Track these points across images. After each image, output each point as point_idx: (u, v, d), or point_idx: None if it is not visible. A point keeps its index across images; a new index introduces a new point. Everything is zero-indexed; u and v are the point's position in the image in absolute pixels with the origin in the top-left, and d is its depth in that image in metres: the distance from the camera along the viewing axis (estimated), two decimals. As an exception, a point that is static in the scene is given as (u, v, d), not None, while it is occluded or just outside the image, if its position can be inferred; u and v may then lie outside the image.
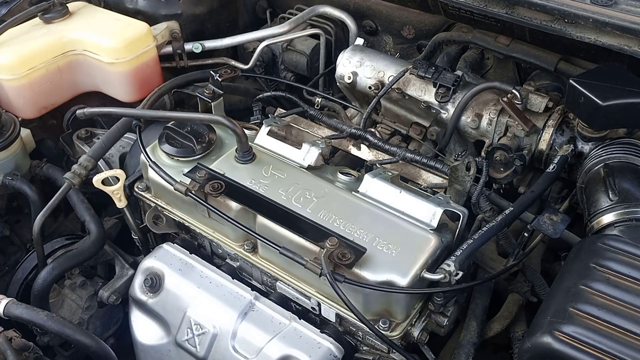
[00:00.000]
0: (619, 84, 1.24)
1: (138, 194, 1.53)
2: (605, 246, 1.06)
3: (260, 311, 1.31)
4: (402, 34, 1.86)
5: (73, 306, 1.63)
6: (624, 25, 1.24)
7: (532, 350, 0.97)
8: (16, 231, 1.87)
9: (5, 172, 1.73)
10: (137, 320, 1.43)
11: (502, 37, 1.59)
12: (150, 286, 1.39)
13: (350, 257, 1.18)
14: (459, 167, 1.35)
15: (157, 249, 1.44)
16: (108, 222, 1.77)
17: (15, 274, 1.67)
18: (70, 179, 1.49)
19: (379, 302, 1.23)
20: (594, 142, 1.36)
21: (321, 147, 1.44)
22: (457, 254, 1.19)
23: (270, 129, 1.50)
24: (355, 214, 1.30)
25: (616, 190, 1.19)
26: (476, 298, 1.36)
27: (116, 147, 1.72)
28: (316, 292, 1.30)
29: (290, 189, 1.35)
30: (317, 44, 1.87)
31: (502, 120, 1.43)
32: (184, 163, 1.43)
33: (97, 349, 1.36)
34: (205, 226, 1.44)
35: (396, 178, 1.39)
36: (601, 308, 0.96)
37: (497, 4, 1.41)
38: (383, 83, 1.56)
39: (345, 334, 1.32)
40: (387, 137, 1.58)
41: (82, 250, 1.55)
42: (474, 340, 1.30)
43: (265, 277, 1.40)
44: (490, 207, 1.38)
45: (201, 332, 1.32)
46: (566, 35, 1.33)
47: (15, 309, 1.32)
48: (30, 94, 1.76)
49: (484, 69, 1.74)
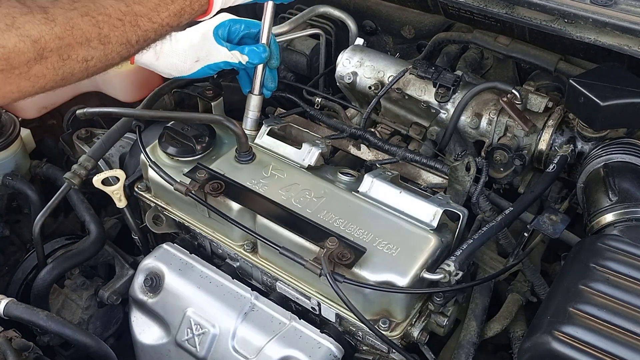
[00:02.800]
0: (619, 84, 1.24)
1: (138, 194, 1.53)
2: (605, 246, 1.06)
3: (260, 311, 1.31)
4: (402, 34, 1.86)
5: (73, 306, 1.63)
6: (624, 25, 1.24)
7: (531, 350, 0.97)
8: (16, 231, 1.87)
9: (5, 172, 1.73)
10: (137, 320, 1.43)
11: (502, 37, 1.59)
12: (150, 286, 1.39)
13: (350, 257, 1.18)
14: (458, 167, 1.35)
15: (157, 249, 1.45)
16: (108, 222, 1.76)
17: (15, 274, 1.67)
18: (70, 179, 1.49)
19: (379, 302, 1.23)
20: (594, 142, 1.36)
21: (321, 147, 1.44)
22: (457, 254, 1.19)
23: (270, 129, 1.50)
24: (355, 214, 1.30)
25: (616, 190, 1.19)
26: (476, 298, 1.36)
27: (116, 147, 1.72)
28: (316, 292, 1.30)
29: (290, 189, 1.35)
30: (317, 44, 1.87)
31: (502, 120, 1.43)
32: (184, 163, 1.43)
33: (97, 349, 1.36)
34: (205, 226, 1.44)
35: (396, 178, 1.39)
36: (601, 308, 0.96)
37: (497, 4, 1.41)
38: (383, 83, 1.56)
39: (345, 334, 1.32)
40: (387, 137, 1.58)
41: (82, 250, 1.55)
42: (474, 340, 1.30)
43: (265, 277, 1.40)
44: (490, 207, 1.38)
45: (201, 332, 1.32)
46: (566, 35, 1.33)
47: (15, 309, 1.32)
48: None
49: (484, 69, 1.74)
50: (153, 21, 1.00)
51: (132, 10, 0.96)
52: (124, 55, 0.99)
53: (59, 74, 0.91)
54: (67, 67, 0.91)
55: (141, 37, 0.99)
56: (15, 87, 0.88)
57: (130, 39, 0.97)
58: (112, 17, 0.94)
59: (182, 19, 1.05)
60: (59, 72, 0.91)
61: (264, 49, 1.42)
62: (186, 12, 1.05)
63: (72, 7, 0.90)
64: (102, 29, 0.93)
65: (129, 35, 0.97)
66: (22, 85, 0.88)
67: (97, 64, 0.95)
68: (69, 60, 0.91)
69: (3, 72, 0.84)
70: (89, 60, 0.93)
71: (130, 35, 0.97)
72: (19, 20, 0.84)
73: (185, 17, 1.06)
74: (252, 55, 1.40)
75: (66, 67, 0.91)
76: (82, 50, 0.91)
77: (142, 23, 0.98)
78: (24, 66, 0.86)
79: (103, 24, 0.93)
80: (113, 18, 0.94)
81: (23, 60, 0.85)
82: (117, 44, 0.96)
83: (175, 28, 1.05)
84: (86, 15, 0.91)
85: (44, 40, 0.86)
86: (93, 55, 0.93)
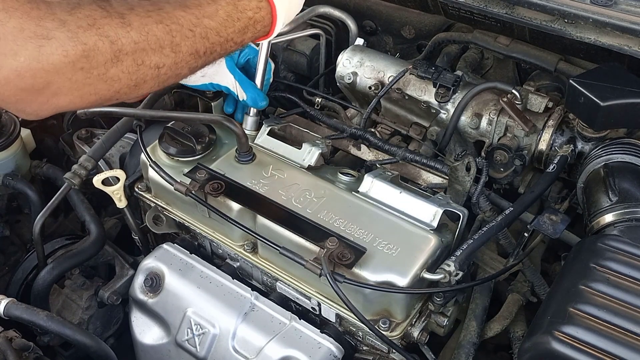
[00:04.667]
0: (619, 84, 1.23)
1: (138, 194, 1.53)
2: (605, 246, 1.06)
3: (261, 311, 1.31)
4: (402, 34, 1.86)
5: (73, 306, 1.63)
6: (624, 26, 1.24)
7: (531, 350, 0.97)
8: (16, 231, 1.87)
9: (6, 172, 1.73)
10: (137, 321, 1.43)
11: (502, 37, 1.59)
12: (150, 286, 1.39)
13: (350, 257, 1.18)
14: (458, 168, 1.35)
15: (157, 249, 1.45)
16: (108, 222, 1.77)
17: (15, 274, 1.66)
18: (70, 179, 1.49)
19: (379, 302, 1.23)
20: (594, 142, 1.36)
21: (321, 147, 1.44)
22: (457, 254, 1.19)
23: (270, 129, 1.50)
24: (356, 214, 1.30)
25: (616, 190, 1.19)
26: (476, 298, 1.36)
27: (116, 147, 1.72)
28: (316, 292, 1.30)
29: (290, 189, 1.35)
30: (317, 44, 1.87)
31: (502, 120, 1.43)
32: (184, 163, 1.43)
33: (97, 349, 1.36)
34: (205, 226, 1.44)
35: (396, 178, 1.39)
36: (601, 308, 0.96)
37: (497, 4, 1.41)
38: (383, 83, 1.56)
39: (345, 334, 1.32)
40: (387, 137, 1.58)
41: (82, 250, 1.55)
42: (474, 340, 1.30)
43: (265, 277, 1.40)
44: (490, 207, 1.38)
45: (201, 332, 1.32)
46: (566, 35, 1.33)
47: (15, 309, 1.33)
48: (30, 94, 1.76)
49: (484, 69, 1.74)
50: (220, 35, 1.05)
51: (202, 22, 1.02)
52: (192, 66, 1.03)
53: (133, 79, 0.95)
54: (140, 72, 0.95)
55: (208, 49, 1.04)
56: (93, 88, 0.92)
57: (199, 49, 1.02)
58: (184, 27, 0.99)
59: (246, 37, 1.11)
60: (132, 77, 0.94)
61: (263, 97, 1.47)
62: (249, 30, 1.11)
63: (147, 15, 0.95)
64: (174, 37, 0.97)
65: (198, 46, 1.01)
66: (100, 88, 0.92)
67: (168, 72, 0.99)
68: (142, 66, 0.95)
69: (83, 70, 0.88)
70: (160, 68, 0.97)
71: (199, 46, 1.02)
72: (99, 22, 0.88)
73: (249, 35, 1.12)
74: (251, 100, 1.46)
75: (140, 72, 0.95)
76: (155, 56, 0.96)
77: (211, 36, 1.03)
78: (102, 67, 0.90)
79: (176, 33, 0.98)
80: (185, 28, 0.99)
81: (101, 60, 0.89)
82: (187, 54, 1.00)
83: (238, 45, 1.10)
84: (160, 23, 0.96)
85: (121, 42, 0.90)
86: (165, 62, 0.97)
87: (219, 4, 1.06)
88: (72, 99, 0.91)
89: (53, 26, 0.84)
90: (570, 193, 1.43)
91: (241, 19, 1.08)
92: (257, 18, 1.11)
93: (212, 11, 1.04)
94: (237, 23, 1.08)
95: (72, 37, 0.85)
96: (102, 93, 0.94)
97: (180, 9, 1.00)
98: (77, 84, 0.89)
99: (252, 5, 1.11)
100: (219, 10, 1.05)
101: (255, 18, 1.11)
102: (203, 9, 1.03)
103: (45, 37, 0.84)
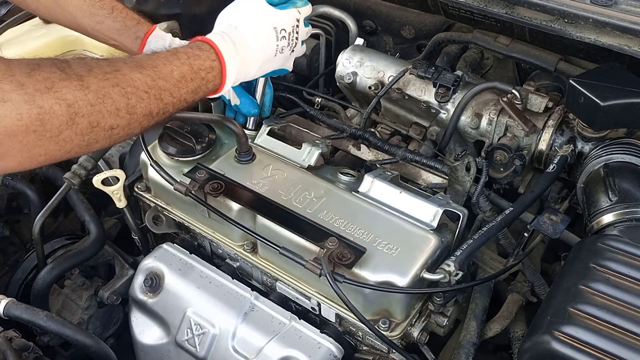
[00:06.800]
0: (619, 84, 1.23)
1: (138, 194, 1.53)
2: (605, 246, 1.06)
3: (260, 311, 1.31)
4: (402, 34, 1.86)
5: (73, 306, 1.63)
6: (624, 25, 1.24)
7: (531, 350, 0.97)
8: (16, 231, 1.87)
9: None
10: (137, 321, 1.43)
11: (502, 37, 1.59)
12: (150, 286, 1.39)
13: (350, 257, 1.18)
14: (458, 167, 1.35)
15: (157, 249, 1.44)
16: (108, 222, 1.77)
17: (15, 274, 1.66)
18: (70, 179, 1.49)
19: (379, 302, 1.23)
20: (594, 142, 1.36)
21: (321, 147, 1.44)
22: (457, 254, 1.19)
23: (270, 129, 1.50)
24: (355, 214, 1.30)
25: (616, 190, 1.19)
26: (476, 298, 1.36)
27: (116, 147, 1.72)
28: (316, 292, 1.30)
29: (290, 189, 1.35)
30: (317, 44, 1.87)
31: (502, 120, 1.43)
32: (184, 163, 1.43)
33: (97, 349, 1.36)
34: (205, 226, 1.44)
35: (396, 178, 1.39)
36: (601, 308, 0.96)
37: (497, 4, 1.41)
38: (383, 83, 1.56)
39: (345, 334, 1.32)
40: (387, 137, 1.58)
41: (82, 250, 1.55)
42: (474, 340, 1.30)
43: (265, 277, 1.40)
44: (490, 207, 1.38)
45: (201, 332, 1.32)
46: (566, 35, 1.33)
47: (15, 309, 1.33)
48: (30, 94, 1.76)
49: (484, 69, 1.74)
50: (173, 96, 1.08)
51: (157, 84, 1.04)
52: (144, 126, 1.05)
53: (85, 140, 0.95)
54: (93, 133, 0.96)
55: (162, 110, 1.06)
56: (43, 150, 0.91)
57: (152, 110, 1.04)
58: (140, 90, 1.01)
59: (197, 96, 1.15)
60: (85, 138, 0.95)
61: (255, 105, 1.46)
62: (201, 90, 1.15)
63: (105, 78, 0.96)
64: (130, 99, 0.99)
65: (152, 107, 1.04)
66: (50, 149, 0.92)
67: (121, 132, 1.00)
68: (97, 128, 0.95)
69: (36, 133, 0.87)
70: (114, 129, 0.98)
71: (153, 107, 1.04)
72: (57, 84, 0.89)
73: (200, 94, 1.16)
74: (244, 106, 1.45)
75: (93, 133, 0.95)
76: (111, 118, 0.97)
77: (165, 97, 1.06)
78: (56, 129, 0.89)
79: (131, 95, 0.99)
80: (140, 90, 1.01)
81: (56, 123, 0.89)
82: (141, 115, 1.02)
83: (190, 104, 1.14)
84: (117, 86, 0.97)
85: (78, 105, 0.91)
86: (119, 124, 0.99)
87: (174, 65, 1.08)
88: (21, 160, 0.90)
89: (10, 88, 0.84)
90: (570, 193, 1.43)
91: (194, 79, 1.12)
92: (209, 78, 1.14)
93: (167, 72, 1.07)
94: (191, 84, 1.11)
95: (28, 100, 0.85)
96: (52, 154, 0.93)
97: (137, 70, 1.02)
98: (28, 146, 0.88)
99: (206, 65, 1.14)
100: (174, 71, 1.08)
101: (207, 78, 1.14)
102: (158, 70, 1.05)
103: (1, 99, 0.82)
